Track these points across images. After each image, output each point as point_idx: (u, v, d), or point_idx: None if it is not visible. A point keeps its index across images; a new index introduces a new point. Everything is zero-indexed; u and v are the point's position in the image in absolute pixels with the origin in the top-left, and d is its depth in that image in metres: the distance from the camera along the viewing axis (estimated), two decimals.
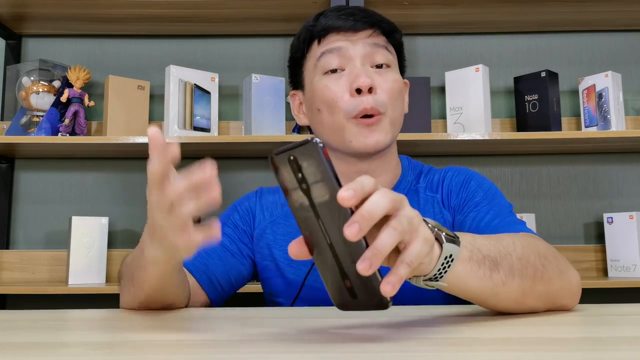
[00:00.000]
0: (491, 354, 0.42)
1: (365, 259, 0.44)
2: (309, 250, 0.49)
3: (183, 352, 0.44)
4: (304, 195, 0.47)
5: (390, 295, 0.45)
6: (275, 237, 0.96)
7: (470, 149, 1.71)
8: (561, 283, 0.67)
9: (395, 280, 0.45)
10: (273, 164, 0.47)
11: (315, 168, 0.46)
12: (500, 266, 0.60)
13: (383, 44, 0.90)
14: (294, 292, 0.92)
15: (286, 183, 0.47)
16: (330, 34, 0.89)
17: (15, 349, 0.46)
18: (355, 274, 0.46)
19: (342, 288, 0.48)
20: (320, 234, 0.47)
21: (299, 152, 0.46)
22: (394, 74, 0.91)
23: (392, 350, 0.43)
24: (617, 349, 0.44)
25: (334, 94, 0.87)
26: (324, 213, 0.46)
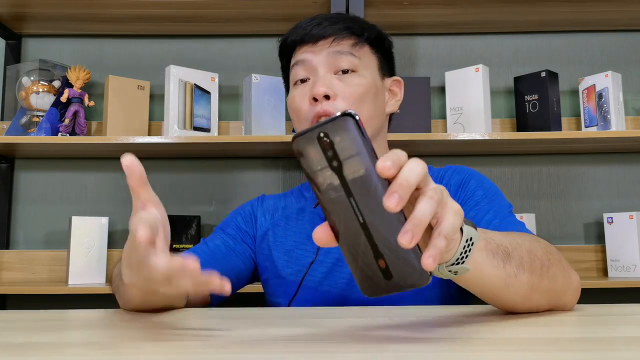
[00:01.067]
0: (491, 354, 0.42)
1: (407, 231, 0.43)
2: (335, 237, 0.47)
3: (183, 352, 0.44)
4: (334, 174, 0.44)
5: (432, 269, 0.43)
6: (275, 238, 0.98)
7: (470, 149, 1.71)
8: (564, 281, 0.67)
9: (435, 253, 0.44)
10: (298, 146, 0.45)
11: (351, 142, 0.43)
12: (512, 257, 0.59)
13: (347, 49, 0.92)
14: (291, 293, 0.93)
15: (313, 165, 0.45)
16: (297, 47, 0.94)
17: (15, 349, 0.46)
18: (392, 252, 0.44)
19: (374, 271, 0.46)
20: (351, 214, 0.45)
21: (332, 127, 0.44)
22: (358, 78, 0.91)
23: (392, 350, 0.43)
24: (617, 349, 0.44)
25: (298, 104, 0.92)
26: (357, 190, 0.44)
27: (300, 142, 0.45)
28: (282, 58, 1.01)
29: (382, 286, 0.46)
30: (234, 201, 1.78)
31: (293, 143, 0.45)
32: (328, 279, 0.91)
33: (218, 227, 1.03)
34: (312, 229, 0.95)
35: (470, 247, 0.51)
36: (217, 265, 0.92)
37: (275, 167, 1.81)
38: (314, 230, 0.47)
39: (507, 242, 0.61)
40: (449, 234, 0.46)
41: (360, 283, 0.47)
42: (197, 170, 1.81)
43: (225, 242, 0.97)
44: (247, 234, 1.00)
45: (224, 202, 1.79)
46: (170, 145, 1.60)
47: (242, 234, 0.99)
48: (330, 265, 0.92)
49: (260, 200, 1.05)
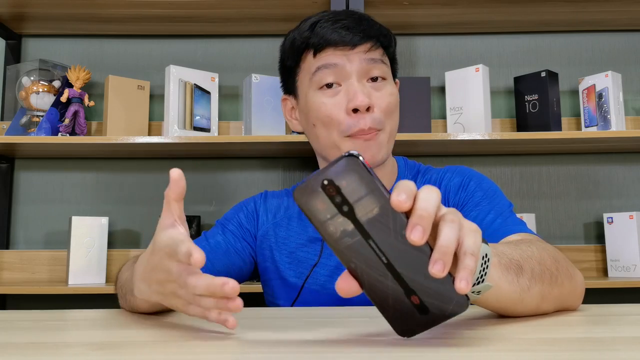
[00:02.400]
0: (491, 354, 0.42)
1: (437, 261, 0.41)
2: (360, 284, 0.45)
3: (183, 352, 0.44)
4: (347, 219, 0.43)
5: (466, 292, 0.42)
6: (277, 239, 0.97)
7: (470, 149, 1.71)
8: (570, 286, 0.67)
9: (466, 275, 0.42)
10: (301, 198, 0.43)
11: (358, 183, 0.42)
12: (524, 271, 0.59)
13: (379, 57, 0.89)
14: (293, 295, 0.93)
15: (321, 215, 0.43)
16: (327, 49, 0.87)
17: (15, 349, 0.46)
18: (423, 285, 0.43)
19: (408, 310, 0.44)
20: (373, 256, 0.43)
21: (335, 172, 0.42)
22: (390, 87, 0.90)
23: (392, 350, 0.43)
24: (617, 349, 0.44)
25: (330, 112, 0.87)
26: (374, 230, 0.43)
27: (302, 194, 0.43)
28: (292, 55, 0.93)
29: (419, 323, 0.45)
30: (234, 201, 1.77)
31: (295, 196, 0.44)
32: (331, 282, 0.91)
33: (219, 222, 1.02)
34: (314, 231, 0.94)
35: (487, 263, 0.50)
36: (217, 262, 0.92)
37: (275, 167, 1.81)
38: (336, 282, 0.45)
39: (518, 255, 0.60)
40: (475, 252, 0.44)
41: (395, 326, 0.45)
42: (197, 170, 1.81)
43: (226, 239, 0.97)
44: (248, 231, 0.99)
45: (224, 202, 1.79)
46: (170, 145, 1.60)
47: (243, 232, 0.99)
48: (332, 268, 0.91)
49: (263, 198, 1.03)
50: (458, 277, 0.42)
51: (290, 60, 0.93)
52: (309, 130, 0.93)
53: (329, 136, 0.88)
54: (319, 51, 0.88)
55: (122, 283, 0.77)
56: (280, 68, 0.98)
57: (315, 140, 0.92)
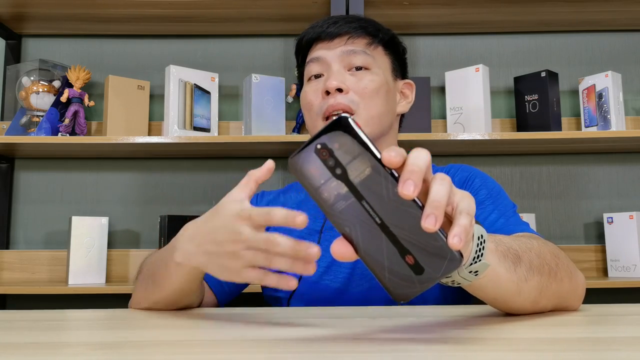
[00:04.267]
0: (491, 353, 0.42)
1: (429, 215, 0.42)
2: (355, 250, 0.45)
3: (183, 352, 0.44)
4: (340, 182, 0.44)
5: (459, 247, 0.43)
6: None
7: (470, 149, 1.71)
8: (570, 284, 0.67)
9: (460, 231, 0.43)
10: (295, 166, 0.44)
11: (350, 144, 0.43)
12: (522, 261, 0.59)
13: (361, 48, 0.93)
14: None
15: (315, 180, 0.44)
16: (313, 44, 0.96)
17: (15, 349, 0.46)
18: (418, 244, 0.44)
19: (404, 271, 0.44)
20: (367, 218, 0.44)
21: (328, 136, 0.44)
22: (371, 75, 0.93)
23: (392, 351, 0.43)
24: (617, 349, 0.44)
25: (310, 97, 0.94)
26: (367, 191, 0.44)
27: (297, 161, 0.44)
28: (297, 56, 1.02)
29: (414, 285, 0.45)
30: None
31: (290, 164, 0.45)
32: (328, 273, 0.92)
33: None
34: (312, 223, 0.96)
35: (483, 244, 0.51)
36: None
37: (276, 167, 1.80)
38: (331, 246, 0.45)
39: (517, 246, 0.60)
40: (470, 212, 0.45)
41: (391, 290, 0.45)
42: (197, 170, 1.81)
43: None
44: None
45: None
46: (170, 145, 1.60)
47: None
48: (330, 260, 0.93)
49: (259, 198, 1.06)
50: (451, 233, 0.43)
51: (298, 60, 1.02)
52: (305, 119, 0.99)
53: (310, 120, 0.94)
54: (309, 48, 0.97)
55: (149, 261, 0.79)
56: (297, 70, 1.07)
57: (307, 125, 0.98)
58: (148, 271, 0.77)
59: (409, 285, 0.45)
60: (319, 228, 0.95)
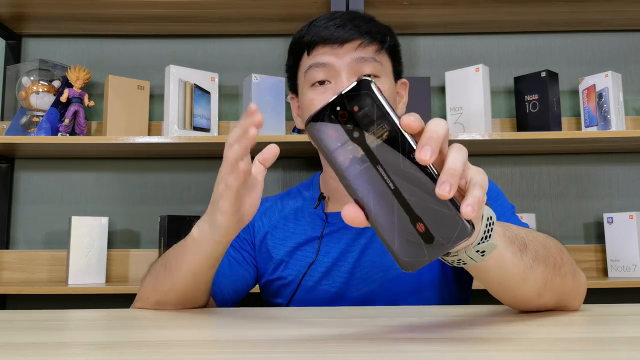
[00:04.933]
0: (491, 353, 0.42)
1: (444, 182, 0.42)
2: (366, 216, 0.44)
3: (183, 352, 0.44)
4: (357, 146, 0.43)
5: (472, 217, 0.42)
6: (274, 241, 0.98)
7: (470, 149, 1.69)
8: (573, 282, 0.67)
9: (474, 202, 0.43)
10: (313, 128, 0.44)
11: (370, 107, 0.43)
12: (529, 248, 0.59)
13: (371, 55, 0.90)
14: (290, 292, 0.94)
15: (331, 143, 0.44)
16: (318, 47, 0.90)
17: (15, 349, 0.46)
18: (430, 211, 0.43)
19: (414, 238, 0.44)
20: (381, 182, 0.44)
21: (349, 97, 0.43)
22: (381, 84, 0.90)
23: (391, 351, 0.43)
24: (617, 349, 0.44)
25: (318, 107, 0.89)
26: (383, 155, 0.43)
27: (315, 122, 0.44)
28: (293, 55, 0.97)
29: (423, 253, 0.44)
30: None
31: (307, 127, 0.44)
32: (326, 278, 0.93)
33: None
34: (312, 230, 0.96)
35: (492, 225, 0.50)
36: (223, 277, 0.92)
37: (275, 167, 1.81)
38: (342, 210, 0.45)
39: (524, 234, 0.60)
40: (484, 186, 0.45)
41: (400, 257, 0.44)
42: (197, 170, 1.81)
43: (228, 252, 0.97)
44: (245, 241, 0.99)
45: None
46: (170, 145, 1.60)
47: (241, 242, 0.99)
48: (328, 266, 0.93)
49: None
50: (465, 202, 0.43)
51: (290, 60, 0.97)
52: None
53: None
54: (311, 49, 0.91)
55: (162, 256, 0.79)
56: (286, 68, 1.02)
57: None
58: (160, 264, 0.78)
59: (418, 253, 0.44)
60: (318, 235, 0.95)
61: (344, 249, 0.93)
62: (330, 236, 0.95)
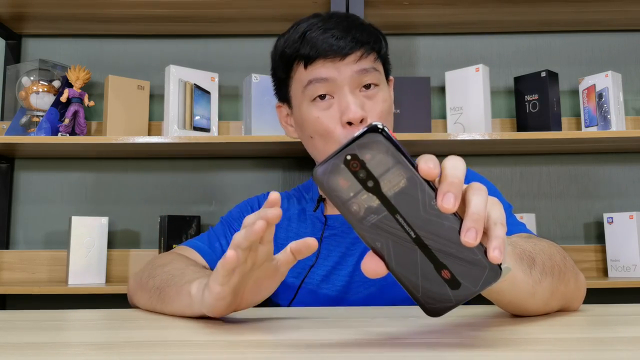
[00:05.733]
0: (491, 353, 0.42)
1: (470, 228, 0.40)
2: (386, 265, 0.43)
3: (183, 352, 0.44)
4: (372, 195, 0.41)
5: (500, 260, 0.41)
6: (277, 241, 0.99)
7: (470, 149, 1.71)
8: (575, 285, 0.68)
9: (499, 244, 0.41)
10: (322, 177, 0.42)
11: (384, 155, 0.41)
12: (536, 263, 0.58)
13: (371, 65, 0.89)
14: (290, 295, 0.94)
15: (344, 193, 0.42)
16: (318, 61, 0.87)
17: (15, 349, 0.46)
18: (454, 258, 0.42)
19: (439, 286, 0.42)
20: (400, 232, 0.42)
21: (359, 146, 0.41)
22: (382, 93, 0.90)
23: (392, 351, 0.43)
24: (617, 349, 0.44)
25: (326, 126, 0.87)
26: (402, 204, 0.41)
27: (324, 172, 0.42)
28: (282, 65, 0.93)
29: (450, 300, 0.43)
30: (234, 201, 1.78)
31: (315, 175, 0.42)
32: (326, 281, 0.93)
33: (225, 220, 1.03)
34: (312, 232, 0.96)
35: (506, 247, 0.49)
36: None
37: (275, 167, 1.81)
38: (362, 263, 0.43)
39: (530, 248, 0.60)
40: (503, 221, 0.44)
41: (426, 306, 0.43)
42: (197, 170, 1.81)
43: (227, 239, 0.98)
44: None
45: (224, 202, 1.79)
46: (170, 145, 1.60)
47: None
48: (329, 269, 0.93)
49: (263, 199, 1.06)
50: (491, 246, 0.41)
51: (281, 71, 0.93)
52: (306, 140, 0.94)
53: (326, 147, 0.89)
54: (309, 63, 0.88)
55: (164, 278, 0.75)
56: (273, 76, 0.98)
57: (313, 148, 0.93)
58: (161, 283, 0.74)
59: (443, 299, 0.43)
60: (318, 237, 0.95)
61: (343, 252, 0.94)
62: (330, 239, 0.95)
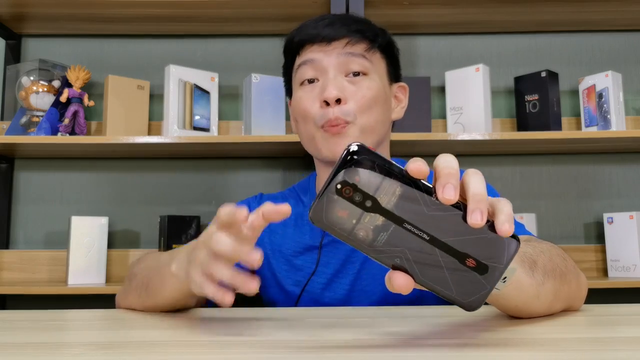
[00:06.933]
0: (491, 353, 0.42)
1: (474, 210, 0.41)
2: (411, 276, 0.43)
3: (183, 352, 0.44)
4: (374, 214, 0.41)
5: (511, 232, 0.41)
6: (273, 246, 0.96)
7: (470, 149, 1.71)
8: (577, 286, 0.68)
9: (505, 218, 0.42)
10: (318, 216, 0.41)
11: (371, 171, 0.41)
12: (538, 266, 0.59)
13: (360, 52, 0.89)
14: (291, 303, 0.92)
15: (346, 224, 0.41)
16: (307, 46, 0.90)
17: (15, 349, 0.46)
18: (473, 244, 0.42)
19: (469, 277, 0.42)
20: (414, 239, 0.42)
21: (344, 172, 0.41)
22: (369, 81, 0.90)
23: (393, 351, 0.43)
24: (617, 349, 0.44)
25: (305, 104, 0.89)
26: (405, 211, 0.41)
27: (320, 211, 0.41)
28: (286, 57, 0.97)
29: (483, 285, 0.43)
30: (234, 201, 1.77)
31: (312, 218, 0.41)
32: (328, 289, 0.91)
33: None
34: (311, 239, 0.94)
35: None
36: None
37: (275, 167, 1.81)
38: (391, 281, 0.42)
39: (531, 250, 0.60)
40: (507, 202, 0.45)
41: (463, 302, 0.43)
42: (197, 170, 1.81)
43: None
44: None
45: (224, 202, 1.78)
46: (170, 145, 1.60)
47: None
48: (329, 277, 0.91)
49: (257, 202, 1.03)
50: (498, 221, 0.42)
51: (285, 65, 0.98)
52: (297, 128, 0.95)
53: (307, 129, 0.91)
54: (301, 48, 0.91)
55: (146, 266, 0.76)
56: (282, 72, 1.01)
57: (301, 136, 0.94)
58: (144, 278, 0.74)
59: (478, 288, 0.43)
60: (317, 244, 0.93)
61: (344, 260, 0.91)
62: (329, 246, 0.92)
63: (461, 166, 1.87)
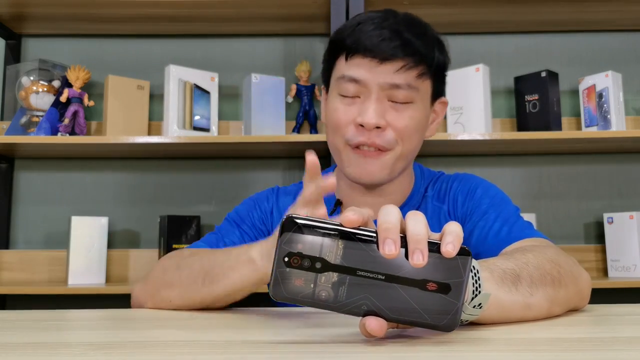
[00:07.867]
0: (491, 354, 0.42)
1: (414, 251, 0.43)
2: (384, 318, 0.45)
3: (182, 352, 0.44)
4: (328, 273, 0.44)
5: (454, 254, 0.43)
6: None
7: (470, 149, 1.71)
8: (576, 288, 0.67)
9: (449, 239, 0.44)
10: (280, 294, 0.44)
11: (310, 235, 0.43)
12: (522, 278, 0.59)
13: (408, 81, 0.83)
14: None
15: (305, 289, 0.44)
16: (357, 56, 0.84)
17: (15, 349, 0.46)
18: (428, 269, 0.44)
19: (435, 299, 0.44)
20: (371, 282, 0.44)
21: (287, 243, 0.43)
22: (412, 110, 0.85)
23: (392, 351, 0.43)
24: (618, 349, 0.44)
25: (340, 119, 0.86)
26: (354, 260, 0.44)
27: (279, 288, 0.44)
28: (331, 51, 0.90)
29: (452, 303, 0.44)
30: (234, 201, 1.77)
31: (274, 296, 0.44)
32: None
33: (232, 218, 0.99)
34: None
35: (478, 274, 0.51)
36: None
37: (275, 167, 1.81)
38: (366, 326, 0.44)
39: (512, 264, 0.60)
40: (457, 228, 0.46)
41: (439, 324, 0.45)
42: (197, 170, 1.81)
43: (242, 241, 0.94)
44: (261, 232, 0.96)
45: (224, 202, 1.79)
46: (170, 145, 1.60)
47: (257, 232, 0.96)
48: None
49: (275, 195, 1.01)
50: (443, 243, 0.44)
51: (329, 55, 0.91)
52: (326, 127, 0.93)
53: (334, 141, 0.89)
54: (350, 56, 0.85)
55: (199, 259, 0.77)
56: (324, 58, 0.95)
57: (327, 138, 0.92)
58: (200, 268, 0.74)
59: (448, 308, 0.44)
60: None
61: None
62: None
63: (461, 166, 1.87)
